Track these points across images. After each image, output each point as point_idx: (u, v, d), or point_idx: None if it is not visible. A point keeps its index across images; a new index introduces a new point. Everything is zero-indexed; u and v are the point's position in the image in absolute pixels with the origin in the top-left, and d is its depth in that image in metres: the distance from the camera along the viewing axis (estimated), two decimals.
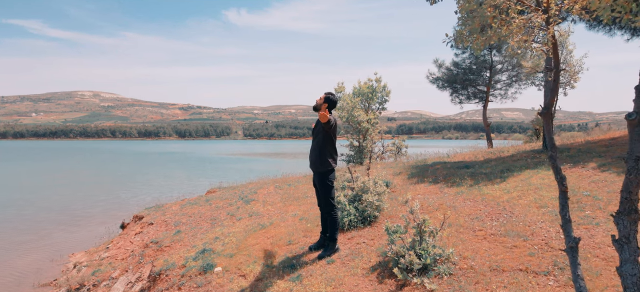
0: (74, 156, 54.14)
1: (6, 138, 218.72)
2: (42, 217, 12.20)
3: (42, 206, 14.20)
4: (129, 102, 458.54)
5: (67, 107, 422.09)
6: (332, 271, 4.36)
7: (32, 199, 15.93)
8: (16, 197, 16.19)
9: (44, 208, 13.85)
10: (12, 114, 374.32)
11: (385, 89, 12.66)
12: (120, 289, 5.77)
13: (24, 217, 12.33)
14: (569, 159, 6.94)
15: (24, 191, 18.14)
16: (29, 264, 8.11)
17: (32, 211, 13.35)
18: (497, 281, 3.57)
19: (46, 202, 15.06)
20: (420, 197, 6.19)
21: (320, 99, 4.64)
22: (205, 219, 7.48)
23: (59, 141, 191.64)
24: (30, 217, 12.32)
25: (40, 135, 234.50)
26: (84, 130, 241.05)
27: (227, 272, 4.94)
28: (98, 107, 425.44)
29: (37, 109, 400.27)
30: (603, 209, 4.65)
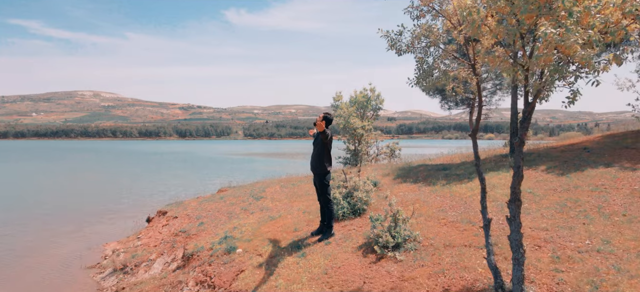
0: (81, 156, 55.49)
1: (7, 138, 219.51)
2: (72, 214, 13.56)
3: (69, 204, 15.57)
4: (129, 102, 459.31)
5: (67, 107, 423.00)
6: (329, 249, 5.74)
7: (58, 198, 17.30)
8: (44, 197, 17.56)
9: (72, 206, 15.21)
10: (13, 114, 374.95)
11: (379, 97, 14.03)
12: (158, 268, 7.16)
13: (56, 214, 13.70)
14: (527, 163, 8.32)
15: (48, 191, 19.50)
16: (71, 252, 9.47)
17: (61, 208, 14.71)
18: (447, 253, 4.96)
19: (73, 201, 16.43)
20: (401, 194, 7.58)
21: (319, 117, 6.03)
22: (222, 213, 8.86)
23: (60, 141, 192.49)
24: (62, 214, 13.68)
25: (41, 135, 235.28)
26: (85, 130, 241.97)
27: (246, 253, 6.33)
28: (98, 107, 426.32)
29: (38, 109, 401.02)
30: (537, 202, 6.04)
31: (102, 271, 7.92)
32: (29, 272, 8.06)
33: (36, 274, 7.98)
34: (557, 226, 5.12)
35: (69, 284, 7.42)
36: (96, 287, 7.25)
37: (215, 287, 5.81)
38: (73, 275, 7.93)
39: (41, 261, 8.78)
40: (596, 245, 4.45)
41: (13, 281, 7.60)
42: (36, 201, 16.34)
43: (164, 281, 6.58)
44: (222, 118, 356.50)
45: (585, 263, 4.12)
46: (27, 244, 10.01)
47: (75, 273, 8.04)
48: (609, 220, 5.04)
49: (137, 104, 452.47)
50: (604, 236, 4.62)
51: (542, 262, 4.30)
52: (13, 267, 8.39)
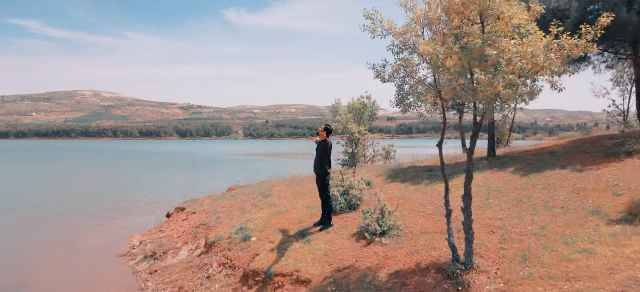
0: (86, 156, 56.77)
1: (8, 138, 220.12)
2: (93, 212, 14.85)
3: (87, 202, 16.86)
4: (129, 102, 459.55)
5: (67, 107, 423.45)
6: (329, 237, 7.05)
7: (75, 196, 18.60)
8: (61, 195, 18.86)
9: (90, 204, 16.50)
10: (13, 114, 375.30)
11: (374, 104, 15.37)
12: (185, 254, 8.47)
13: (77, 211, 14.98)
14: (500, 165, 9.62)
15: (63, 190, 20.79)
16: (101, 243, 10.77)
17: (80, 206, 16.00)
18: (422, 238, 6.26)
19: (90, 199, 17.72)
20: (390, 192, 8.88)
21: (322, 128, 7.32)
22: (235, 209, 10.16)
23: (62, 141, 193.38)
24: (82, 211, 14.97)
25: (43, 135, 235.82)
26: (86, 130, 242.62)
27: (260, 241, 7.63)
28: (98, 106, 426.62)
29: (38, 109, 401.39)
30: (500, 198, 7.34)
31: (134, 258, 9.22)
32: (69, 259, 9.36)
33: (76, 260, 9.28)
34: (510, 217, 6.42)
35: (107, 269, 8.72)
36: (131, 271, 8.55)
37: (236, 267, 7.12)
38: (108, 262, 9.23)
39: (77, 250, 10.08)
40: (535, 230, 5.75)
41: (57, 265, 8.90)
42: (54, 199, 17.63)
43: (191, 264, 7.89)
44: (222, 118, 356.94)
45: (523, 243, 5.43)
46: (59, 237, 11.30)
47: (110, 260, 9.34)
48: (551, 212, 6.34)
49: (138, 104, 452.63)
50: (543, 224, 5.92)
51: (492, 243, 5.61)
52: (54, 254, 9.69)
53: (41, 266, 8.91)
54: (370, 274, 5.55)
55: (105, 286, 7.73)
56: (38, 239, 11.04)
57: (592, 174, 7.52)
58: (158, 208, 14.89)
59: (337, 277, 5.71)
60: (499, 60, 4.39)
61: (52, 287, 7.69)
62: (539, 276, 4.57)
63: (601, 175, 7.35)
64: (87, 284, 7.87)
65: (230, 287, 6.67)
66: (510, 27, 4.56)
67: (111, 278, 8.19)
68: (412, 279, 5.17)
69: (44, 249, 10.13)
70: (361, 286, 5.33)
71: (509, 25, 4.57)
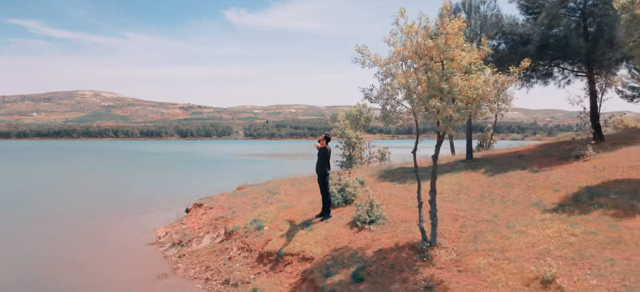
0: (91, 156, 58.38)
1: (10, 138, 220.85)
2: (114, 208, 16.47)
3: (106, 200, 18.48)
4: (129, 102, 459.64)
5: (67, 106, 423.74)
6: (328, 225, 8.67)
7: (94, 195, 20.22)
8: (79, 193, 20.48)
9: (109, 201, 18.12)
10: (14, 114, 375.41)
11: (369, 111, 17.04)
12: (207, 241, 10.10)
13: (99, 207, 16.60)
14: (474, 166, 11.24)
15: (80, 189, 22.41)
16: (129, 234, 12.37)
17: (100, 203, 17.62)
18: (402, 225, 7.88)
19: (108, 197, 19.34)
20: (380, 189, 10.51)
21: (322, 137, 8.95)
22: (248, 204, 11.79)
23: (63, 141, 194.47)
24: (104, 208, 16.59)
25: (44, 135, 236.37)
26: (87, 130, 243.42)
27: (271, 229, 9.27)
28: (99, 106, 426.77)
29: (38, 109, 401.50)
30: (468, 194, 8.97)
31: (162, 246, 10.85)
32: (108, 248, 10.98)
33: (113, 249, 10.90)
34: (472, 208, 8.06)
35: (141, 255, 10.35)
36: (162, 255, 10.17)
37: (252, 250, 8.76)
38: (141, 249, 10.85)
39: (112, 240, 11.71)
40: (488, 218, 7.39)
41: (100, 252, 10.52)
42: (80, 198, 19.25)
43: (214, 249, 9.53)
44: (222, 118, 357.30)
45: (477, 227, 7.06)
46: (94, 230, 12.92)
47: (142, 248, 10.96)
48: (504, 204, 7.98)
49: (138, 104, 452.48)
50: (495, 213, 7.56)
51: (454, 228, 7.24)
52: (94, 244, 11.32)
53: (86, 253, 10.53)
54: (360, 251, 7.19)
55: (143, 267, 9.35)
56: (77, 233, 12.64)
57: (544, 174, 9.16)
58: (174, 204, 16.52)
59: (334, 254, 7.35)
60: (452, 91, 6.03)
61: (101, 269, 9.31)
62: (482, 250, 6.20)
63: (550, 175, 8.99)
64: (127, 266, 9.49)
65: (249, 265, 8.31)
66: (461, 66, 6.19)
67: (146, 261, 9.82)
68: (390, 255, 6.80)
69: (84, 240, 11.74)
70: (352, 260, 6.96)
71: (461, 65, 6.20)
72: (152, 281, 8.46)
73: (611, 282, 4.80)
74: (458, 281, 5.59)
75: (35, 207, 16.63)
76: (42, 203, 17.70)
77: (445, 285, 5.57)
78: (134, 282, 8.37)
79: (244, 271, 8.16)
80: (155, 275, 8.84)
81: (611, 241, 5.69)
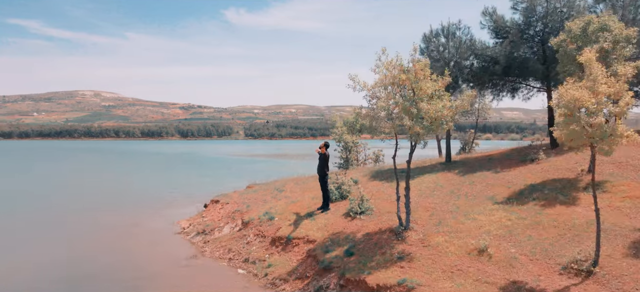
0: (100, 156, 60.46)
1: (11, 138, 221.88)
2: (142, 204, 18.53)
3: (127, 197, 20.55)
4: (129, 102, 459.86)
5: (68, 106, 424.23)
6: (327, 216, 10.76)
7: (113, 193, 22.29)
8: (100, 192, 22.55)
9: (130, 199, 20.19)
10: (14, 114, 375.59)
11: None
12: (227, 230, 12.18)
13: (124, 203, 18.66)
14: (451, 167, 13.31)
15: (98, 188, 24.48)
16: (157, 226, 14.44)
17: (123, 200, 19.69)
18: (386, 215, 9.96)
19: (129, 195, 21.42)
20: (371, 187, 12.59)
21: (322, 144, 11.04)
22: (259, 200, 13.86)
23: (64, 141, 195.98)
24: (134, 204, 18.65)
25: (45, 135, 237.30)
26: (88, 130, 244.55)
27: (280, 219, 11.35)
28: (99, 106, 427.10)
29: (39, 109, 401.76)
30: (440, 190, 11.05)
31: (188, 234, 12.93)
32: (141, 237, 13.05)
33: (146, 238, 12.97)
34: (441, 202, 10.15)
35: (171, 242, 12.43)
36: (189, 242, 12.25)
37: (266, 236, 10.84)
38: (169, 237, 12.93)
39: (144, 230, 13.78)
40: (452, 209, 9.47)
41: (135, 240, 12.58)
42: (105, 196, 21.33)
43: (234, 235, 11.61)
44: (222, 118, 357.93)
45: (442, 216, 9.15)
46: (127, 222, 14.98)
47: (170, 236, 13.04)
48: (467, 198, 10.06)
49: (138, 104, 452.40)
50: (458, 205, 9.64)
51: (425, 216, 9.33)
52: (129, 233, 13.38)
53: (126, 241, 12.61)
54: (352, 235, 9.27)
55: (176, 251, 11.43)
56: (112, 227, 14.69)
57: (502, 174, 11.25)
58: (191, 201, 18.60)
59: (331, 237, 9.44)
60: (419, 113, 8.11)
61: (142, 254, 11.38)
62: (442, 231, 8.29)
63: (507, 175, 11.08)
64: (163, 251, 11.57)
65: (263, 248, 10.39)
66: (427, 93, 8.26)
67: (177, 247, 11.90)
68: (375, 236, 8.89)
69: (120, 232, 13.80)
70: (346, 241, 9.05)
71: (426, 92, 8.28)
72: (186, 260, 10.55)
73: (524, 249, 6.89)
74: (421, 252, 7.68)
75: (68, 205, 18.70)
76: (72, 202, 19.77)
77: (412, 256, 7.65)
78: (172, 262, 10.46)
79: (260, 252, 10.24)
80: (188, 256, 10.92)
81: (534, 223, 7.79)
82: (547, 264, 6.44)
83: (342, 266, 8.09)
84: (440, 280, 6.71)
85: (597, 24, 8.99)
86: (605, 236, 6.70)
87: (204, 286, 8.85)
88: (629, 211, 7.59)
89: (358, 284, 7.38)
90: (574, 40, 9.24)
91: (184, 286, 8.79)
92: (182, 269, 9.99)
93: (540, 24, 12.84)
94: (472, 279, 6.52)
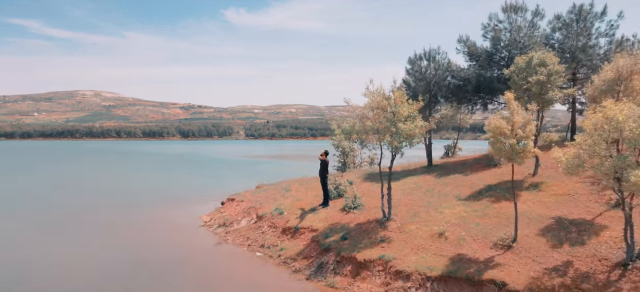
0: (107, 156, 63.00)
1: (14, 138, 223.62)
2: (165, 201, 21.06)
3: (156, 196, 23.09)
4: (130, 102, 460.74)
5: (68, 106, 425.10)
6: (327, 210, 13.33)
7: (144, 191, 24.84)
8: (135, 192, 25.09)
9: (150, 197, 22.72)
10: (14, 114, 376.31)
11: None
12: (245, 223, 14.74)
13: (155, 201, 21.20)
14: (431, 171, 15.85)
15: (117, 187, 27.04)
16: (182, 220, 16.97)
17: (153, 198, 22.23)
18: (374, 210, 12.52)
19: (148, 194, 23.96)
20: (363, 187, 15.14)
21: (323, 151, 13.60)
22: (269, 198, 16.41)
23: (67, 141, 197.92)
24: (157, 201, 21.19)
25: (47, 135, 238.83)
26: (90, 130, 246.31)
27: (289, 213, 13.92)
28: (99, 106, 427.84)
29: (39, 109, 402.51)
30: (419, 190, 13.60)
31: (211, 227, 15.47)
32: (170, 228, 15.58)
33: (175, 229, 15.51)
34: (418, 199, 12.71)
35: (197, 233, 14.97)
36: (212, 233, 14.80)
37: (277, 227, 13.40)
38: (195, 229, 15.47)
39: (172, 223, 16.32)
40: (425, 205, 12.03)
41: (166, 231, 15.11)
42: (129, 194, 23.86)
43: (250, 227, 14.17)
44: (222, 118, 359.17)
45: (416, 210, 11.71)
46: (155, 216, 17.51)
47: (196, 228, 15.58)
48: (438, 196, 12.62)
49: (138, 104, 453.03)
50: (430, 202, 12.20)
51: (404, 210, 11.90)
52: (159, 225, 15.92)
53: (158, 232, 15.16)
54: (346, 224, 11.83)
55: (202, 240, 13.98)
56: (141, 220, 17.23)
57: (470, 176, 13.81)
58: (206, 199, 21.15)
59: (330, 227, 12.00)
60: (397, 132, 10.67)
61: (174, 241, 13.92)
62: (415, 221, 10.85)
63: (473, 177, 13.64)
64: (191, 239, 14.11)
65: (276, 236, 12.95)
66: (403, 116, 10.81)
67: (203, 236, 14.45)
68: (364, 226, 11.45)
69: (151, 224, 16.34)
70: (341, 229, 11.60)
71: (404, 114, 10.82)
72: (213, 246, 13.11)
73: (471, 233, 9.45)
74: (398, 237, 10.24)
75: (102, 204, 21.24)
76: (104, 200, 22.31)
77: (390, 239, 10.21)
78: (202, 247, 13.02)
79: (273, 239, 12.80)
80: (213, 243, 13.48)
81: (482, 214, 10.35)
82: (484, 242, 8.99)
83: (338, 247, 10.65)
84: (409, 255, 9.27)
85: (537, 60, 11.56)
86: (528, 222, 9.28)
87: (231, 265, 11.40)
88: (551, 204, 10.15)
89: (350, 260, 9.95)
90: (520, 72, 11.81)
91: (216, 264, 11.35)
92: (211, 253, 12.56)
93: (505, 51, 15.41)
94: (431, 253, 9.08)
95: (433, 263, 8.66)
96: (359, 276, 9.48)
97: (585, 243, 8.01)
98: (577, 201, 9.97)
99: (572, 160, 6.88)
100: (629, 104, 6.75)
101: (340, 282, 9.51)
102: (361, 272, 9.51)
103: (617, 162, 6.39)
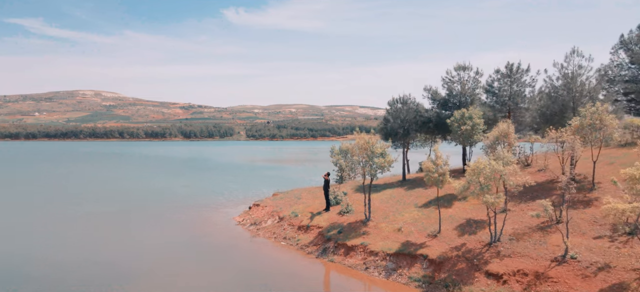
0: (122, 160, 68.78)
1: (18, 139, 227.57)
2: (200, 205, 27.03)
3: (191, 200, 29.08)
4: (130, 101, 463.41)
5: (69, 106, 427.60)
6: (328, 214, 19.42)
7: (178, 196, 30.84)
8: (171, 197, 31.06)
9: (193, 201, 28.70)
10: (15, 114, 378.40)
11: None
12: (271, 222, 20.80)
13: (192, 205, 27.16)
14: (404, 185, 21.87)
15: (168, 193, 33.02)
16: (219, 220, 22.95)
17: (188, 202, 28.20)
18: (360, 214, 18.57)
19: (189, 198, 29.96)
20: (354, 197, 21.19)
21: (326, 173, 19.67)
22: (286, 204, 22.44)
23: (71, 142, 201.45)
24: (194, 205, 27.15)
25: (51, 136, 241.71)
26: (93, 131, 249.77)
27: (302, 215, 20.01)
28: (100, 106, 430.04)
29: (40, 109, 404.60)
30: (395, 200, 19.65)
31: (244, 225, 21.50)
32: (211, 226, 21.57)
33: (215, 227, 21.51)
34: (390, 206, 18.77)
35: (235, 229, 21.00)
36: (247, 230, 20.82)
37: (294, 225, 19.49)
38: (232, 227, 21.49)
39: (212, 222, 22.33)
40: (394, 210, 18.08)
41: (210, 228, 21.10)
42: (168, 199, 29.86)
43: (275, 225, 20.24)
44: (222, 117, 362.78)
45: (388, 213, 17.76)
46: (197, 217, 23.49)
47: (232, 226, 21.59)
48: (404, 204, 18.67)
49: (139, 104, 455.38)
50: (397, 208, 18.25)
51: (380, 214, 17.96)
52: (202, 224, 21.92)
53: (203, 229, 21.17)
54: (341, 223, 17.88)
55: (240, 235, 20.00)
56: (186, 221, 23.19)
57: (427, 190, 19.85)
58: (236, 203, 27.17)
59: (331, 225, 18.05)
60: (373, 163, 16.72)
61: (218, 235, 19.92)
62: (385, 221, 16.91)
63: (429, 191, 19.67)
64: (231, 235, 20.12)
65: (293, 231, 18.98)
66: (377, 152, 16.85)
67: (240, 232, 20.47)
68: (353, 224, 17.50)
69: (196, 224, 22.32)
70: (338, 227, 17.65)
71: (378, 151, 16.87)
72: (250, 239, 19.16)
73: (418, 228, 15.54)
74: (373, 231, 16.28)
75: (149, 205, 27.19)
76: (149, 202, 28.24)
77: (368, 232, 16.25)
78: (241, 239, 19.03)
79: (292, 234, 18.82)
80: (249, 237, 19.52)
81: (427, 217, 16.42)
82: (423, 234, 15.03)
83: (336, 238, 16.68)
84: (378, 242, 15.31)
85: (466, 114, 17.60)
86: (451, 221, 15.35)
87: (265, 249, 17.43)
88: (469, 210, 16.20)
89: (343, 246, 15.99)
90: (456, 121, 17.87)
91: (255, 249, 17.37)
92: (249, 242, 18.58)
93: (456, 99, 21.49)
94: (391, 241, 15.12)
95: (392, 246, 14.72)
96: (348, 255, 15.52)
97: (476, 233, 14.09)
98: (483, 209, 16.02)
99: (461, 187, 12.93)
100: (489, 158, 12.79)
101: (337, 259, 15.55)
102: (350, 252, 15.56)
103: (481, 190, 12.44)
